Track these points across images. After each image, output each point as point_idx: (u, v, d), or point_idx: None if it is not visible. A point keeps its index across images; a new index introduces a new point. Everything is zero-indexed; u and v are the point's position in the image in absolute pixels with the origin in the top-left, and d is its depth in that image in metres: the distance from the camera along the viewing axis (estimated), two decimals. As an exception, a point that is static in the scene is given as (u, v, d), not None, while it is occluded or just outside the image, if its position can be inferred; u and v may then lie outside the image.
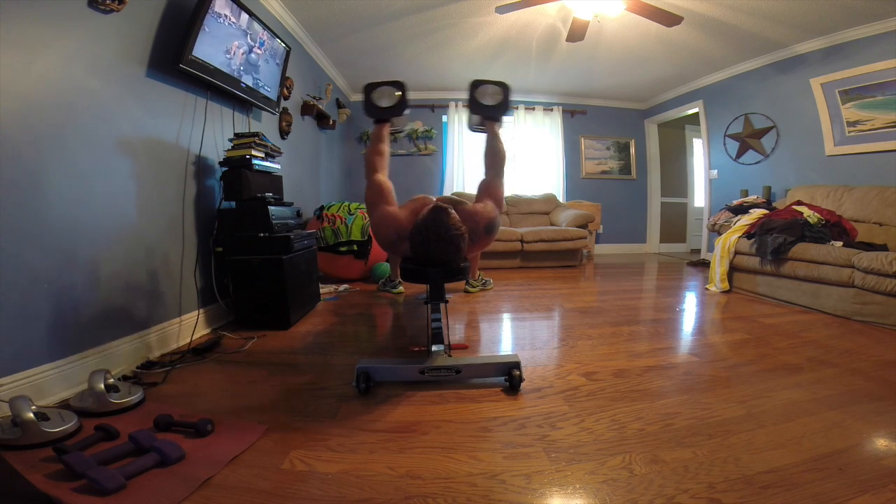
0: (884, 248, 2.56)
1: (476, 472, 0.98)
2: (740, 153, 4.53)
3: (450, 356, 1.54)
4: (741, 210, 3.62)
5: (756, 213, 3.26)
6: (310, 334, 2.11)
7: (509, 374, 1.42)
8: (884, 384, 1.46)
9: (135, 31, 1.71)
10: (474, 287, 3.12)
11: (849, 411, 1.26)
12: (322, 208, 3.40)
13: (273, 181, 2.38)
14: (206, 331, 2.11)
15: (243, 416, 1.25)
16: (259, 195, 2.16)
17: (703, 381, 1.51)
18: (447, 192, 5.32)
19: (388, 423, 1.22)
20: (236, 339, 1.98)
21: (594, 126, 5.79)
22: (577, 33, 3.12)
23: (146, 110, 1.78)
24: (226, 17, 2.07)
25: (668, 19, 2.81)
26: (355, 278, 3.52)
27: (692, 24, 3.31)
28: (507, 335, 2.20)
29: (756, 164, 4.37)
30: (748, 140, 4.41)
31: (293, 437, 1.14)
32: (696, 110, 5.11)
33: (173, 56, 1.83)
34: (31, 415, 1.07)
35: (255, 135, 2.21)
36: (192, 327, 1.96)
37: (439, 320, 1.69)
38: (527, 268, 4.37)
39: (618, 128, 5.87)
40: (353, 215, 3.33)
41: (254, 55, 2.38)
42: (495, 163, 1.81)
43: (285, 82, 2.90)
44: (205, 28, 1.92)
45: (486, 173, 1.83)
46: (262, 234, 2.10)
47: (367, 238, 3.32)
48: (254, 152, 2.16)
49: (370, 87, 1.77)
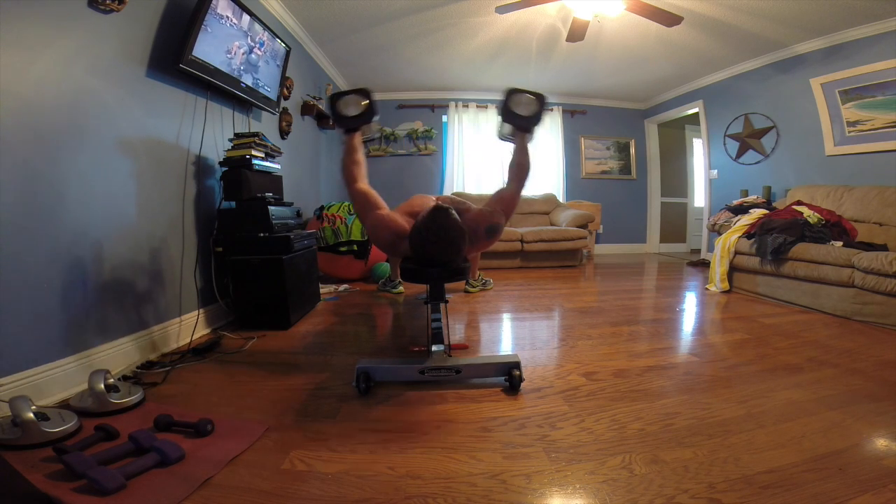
0: (884, 248, 2.56)
1: (476, 472, 0.98)
2: (740, 153, 4.53)
3: (450, 356, 1.54)
4: (741, 210, 3.62)
5: (756, 213, 3.26)
6: (310, 334, 2.11)
7: (509, 374, 1.42)
8: (884, 384, 1.46)
9: (135, 31, 1.71)
10: (474, 287, 3.13)
11: (849, 411, 1.25)
12: (322, 208, 3.40)
13: (273, 181, 2.38)
14: (206, 331, 2.11)
15: (243, 416, 1.25)
16: (259, 195, 2.16)
17: (703, 381, 1.51)
18: (447, 192, 5.32)
19: (388, 423, 1.22)
20: (236, 339, 1.98)
21: (594, 126, 5.79)
22: (577, 33, 3.12)
23: (146, 110, 1.78)
24: (227, 17, 2.08)
25: (668, 19, 2.81)
26: (355, 278, 3.52)
27: (692, 24, 3.31)
28: (507, 335, 2.20)
29: (756, 164, 4.37)
30: (748, 140, 4.41)
31: (293, 437, 1.14)
32: (696, 110, 5.11)
33: (173, 56, 1.83)
34: (31, 415, 1.07)
35: (255, 135, 2.21)
36: (192, 327, 1.96)
37: (439, 320, 1.69)
38: (527, 268, 4.37)
39: (618, 128, 5.87)
40: (353, 215, 3.33)
41: (254, 55, 2.38)
42: (518, 176, 1.77)
43: (285, 82, 2.90)
44: (207, 28, 1.92)
45: (507, 183, 1.79)
46: (262, 234, 2.10)
47: (367, 238, 3.32)
48: (254, 152, 2.16)
49: (335, 98, 1.70)
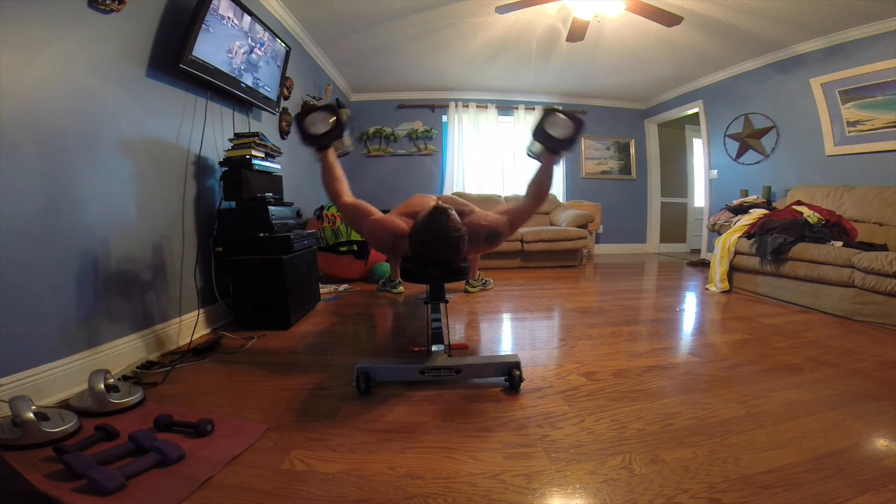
0: (884, 248, 2.56)
1: (476, 472, 0.98)
2: (740, 153, 4.53)
3: (450, 356, 1.54)
4: (741, 210, 3.62)
5: (756, 213, 3.26)
6: (310, 334, 2.11)
7: (509, 374, 1.42)
8: (884, 384, 1.46)
9: (135, 31, 1.71)
10: (474, 287, 3.13)
11: (849, 411, 1.25)
12: (322, 208, 3.40)
13: (273, 181, 2.38)
14: (206, 331, 2.11)
15: (243, 416, 1.25)
16: (259, 195, 2.16)
17: (703, 381, 1.51)
18: (447, 192, 5.32)
19: (388, 423, 1.22)
20: (236, 339, 1.98)
21: (594, 126, 5.78)
22: (577, 33, 3.12)
23: (146, 110, 1.78)
24: (228, 18, 2.08)
25: (668, 19, 2.81)
26: (355, 278, 3.52)
27: (692, 24, 3.31)
28: (507, 335, 2.20)
29: (756, 164, 4.37)
30: (748, 140, 4.41)
31: (293, 437, 1.14)
32: (696, 110, 5.11)
33: (173, 56, 1.83)
34: (31, 415, 1.07)
35: (255, 135, 2.21)
36: (192, 327, 1.96)
37: (439, 320, 1.69)
38: (527, 268, 4.37)
39: (618, 128, 5.87)
40: (353, 215, 3.33)
41: (254, 55, 2.38)
42: (536, 196, 1.76)
43: (285, 82, 2.90)
44: (208, 29, 1.92)
45: (523, 198, 1.78)
46: (262, 234, 2.10)
47: (366, 238, 3.32)
48: (254, 152, 2.16)
49: (300, 117, 1.65)
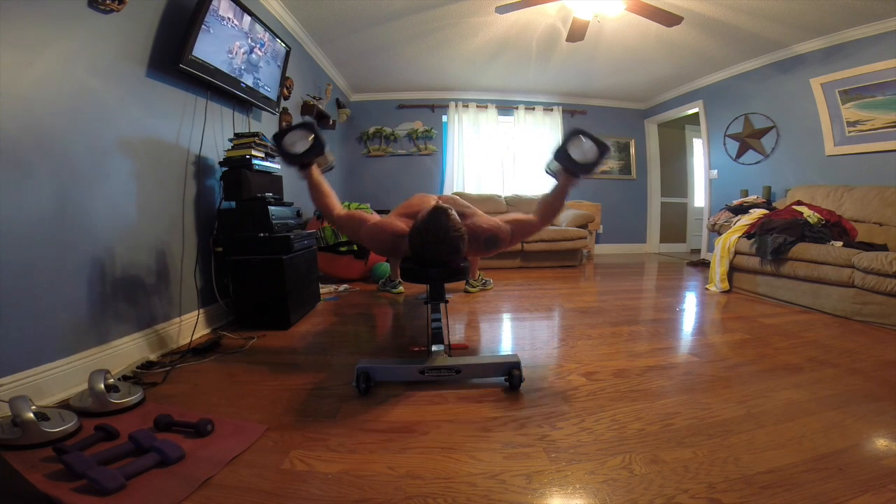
0: (884, 248, 2.56)
1: (476, 472, 0.98)
2: (740, 153, 4.53)
3: (450, 356, 1.54)
4: (741, 210, 3.62)
5: (756, 213, 3.26)
6: (310, 334, 2.11)
7: (509, 374, 1.42)
8: (884, 384, 1.46)
9: (135, 31, 1.71)
10: (474, 287, 3.13)
11: (849, 411, 1.25)
12: (322, 208, 3.39)
13: (273, 181, 2.37)
14: (206, 331, 2.11)
15: (243, 416, 1.25)
16: (259, 195, 2.16)
17: (703, 381, 1.51)
18: (447, 192, 5.32)
19: (388, 423, 1.22)
20: (236, 339, 1.98)
21: (594, 126, 5.71)
22: (577, 33, 3.12)
23: (146, 110, 1.78)
24: (228, 18, 2.08)
25: (668, 19, 2.81)
26: (355, 278, 3.52)
27: (692, 24, 3.31)
28: (507, 335, 2.20)
29: (756, 164, 4.37)
30: (748, 140, 4.41)
31: (293, 437, 1.14)
32: (696, 110, 5.11)
33: (173, 56, 1.83)
34: (31, 415, 1.07)
35: (255, 135, 2.21)
36: (192, 327, 1.96)
37: (439, 320, 1.69)
38: (527, 268, 4.37)
39: (618, 128, 5.87)
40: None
41: (254, 55, 2.38)
42: (546, 214, 1.75)
43: (285, 82, 2.90)
44: (208, 29, 1.92)
45: (533, 213, 1.77)
46: (262, 234, 2.10)
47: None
48: (254, 152, 2.16)
49: (278, 137, 1.63)
